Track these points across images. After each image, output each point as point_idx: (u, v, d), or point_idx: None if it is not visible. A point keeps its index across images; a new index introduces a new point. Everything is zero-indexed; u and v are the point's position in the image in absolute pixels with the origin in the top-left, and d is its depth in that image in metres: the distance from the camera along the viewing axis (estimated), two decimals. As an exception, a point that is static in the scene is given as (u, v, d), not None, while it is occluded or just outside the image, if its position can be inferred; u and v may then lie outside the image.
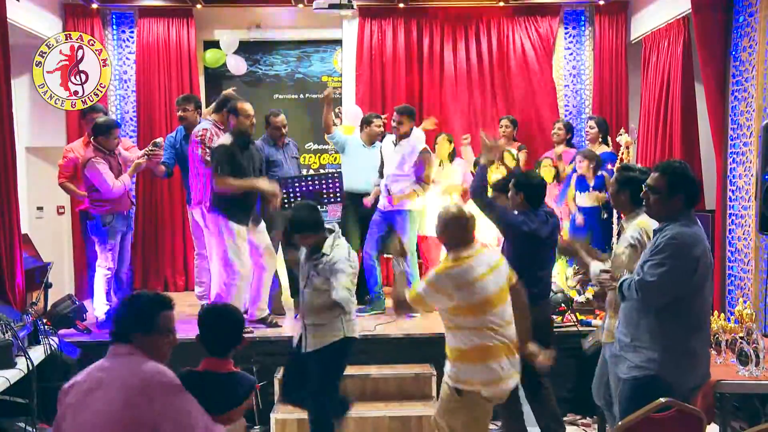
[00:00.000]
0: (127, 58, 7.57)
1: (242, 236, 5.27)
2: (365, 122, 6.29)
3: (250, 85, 7.81)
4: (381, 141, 6.19)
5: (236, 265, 5.22)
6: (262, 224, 5.53)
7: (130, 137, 7.42)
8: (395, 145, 5.90)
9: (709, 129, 5.73)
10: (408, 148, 5.82)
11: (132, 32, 7.56)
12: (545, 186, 4.43)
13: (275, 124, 5.94)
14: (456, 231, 3.52)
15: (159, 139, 5.92)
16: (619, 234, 5.09)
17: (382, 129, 6.24)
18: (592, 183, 6.02)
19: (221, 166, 5.08)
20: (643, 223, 3.52)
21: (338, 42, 7.88)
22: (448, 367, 3.50)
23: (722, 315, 4.69)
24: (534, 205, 4.22)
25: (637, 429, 2.76)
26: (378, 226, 5.98)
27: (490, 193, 4.55)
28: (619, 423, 2.79)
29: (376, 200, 6.03)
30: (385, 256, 6.45)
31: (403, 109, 5.93)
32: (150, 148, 5.82)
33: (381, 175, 6.04)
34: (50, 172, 7.43)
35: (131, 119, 7.52)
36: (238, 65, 7.71)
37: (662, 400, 2.79)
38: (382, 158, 6.07)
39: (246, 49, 7.80)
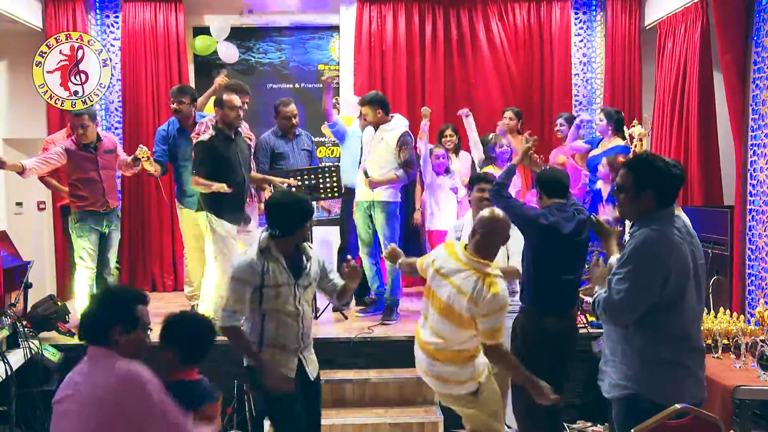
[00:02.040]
0: (111, 45, 7.52)
1: (232, 234, 5.27)
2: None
3: (243, 73, 7.79)
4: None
5: (225, 264, 5.20)
6: (252, 224, 5.49)
7: (115, 129, 7.41)
8: (375, 131, 5.83)
9: (728, 120, 5.70)
10: (390, 135, 5.76)
11: (117, 17, 7.53)
12: (561, 178, 4.21)
13: (285, 113, 5.93)
14: (482, 232, 3.60)
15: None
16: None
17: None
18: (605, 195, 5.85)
19: (195, 166, 5.20)
20: None
21: (335, 28, 7.85)
22: None
23: (742, 317, 4.68)
24: (552, 196, 4.07)
25: (652, 437, 2.75)
26: (364, 222, 5.93)
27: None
28: (632, 431, 2.76)
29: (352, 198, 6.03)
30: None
31: (363, 101, 5.88)
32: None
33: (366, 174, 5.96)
34: (30, 165, 7.42)
35: (116, 109, 7.50)
36: (229, 53, 7.69)
37: (677, 406, 2.76)
38: (362, 152, 6.00)
39: (238, 35, 7.78)
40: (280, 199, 3.68)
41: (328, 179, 5.71)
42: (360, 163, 5.98)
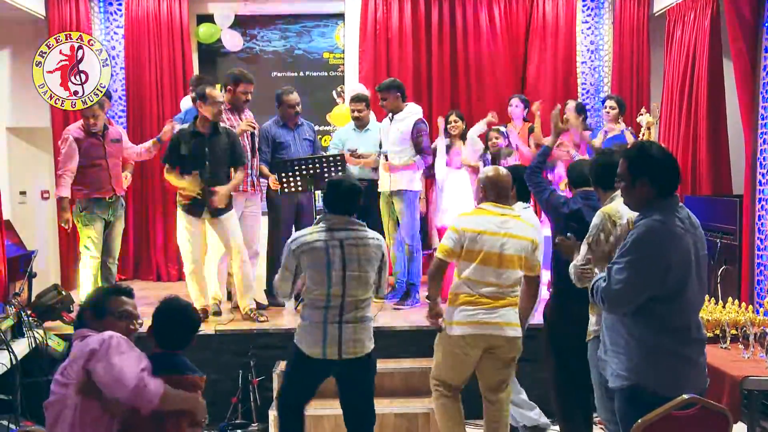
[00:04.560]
0: (115, 33, 7.53)
1: (193, 225, 5.44)
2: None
3: (247, 61, 7.76)
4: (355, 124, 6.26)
5: (183, 254, 5.51)
6: (229, 214, 5.48)
7: (119, 117, 7.41)
8: (390, 122, 5.99)
9: (737, 108, 5.68)
10: (403, 124, 5.88)
11: (120, 5, 7.51)
12: (585, 168, 4.25)
13: (288, 102, 5.91)
14: (486, 187, 4.01)
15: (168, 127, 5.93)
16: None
17: (357, 114, 6.19)
18: None
19: (167, 156, 5.40)
20: (609, 209, 3.47)
21: (340, 16, 7.82)
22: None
23: (750, 307, 4.67)
24: (578, 186, 4.18)
25: (658, 428, 2.74)
26: (387, 211, 6.07)
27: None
28: (638, 421, 2.76)
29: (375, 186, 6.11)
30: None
31: (381, 86, 6.00)
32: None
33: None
34: (34, 154, 7.44)
35: (120, 98, 7.49)
36: (233, 41, 7.67)
37: (685, 396, 2.76)
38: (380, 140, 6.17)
39: (242, 23, 7.76)
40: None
41: (333, 168, 5.69)
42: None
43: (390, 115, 6.00)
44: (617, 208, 3.40)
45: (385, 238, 6.19)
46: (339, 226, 3.71)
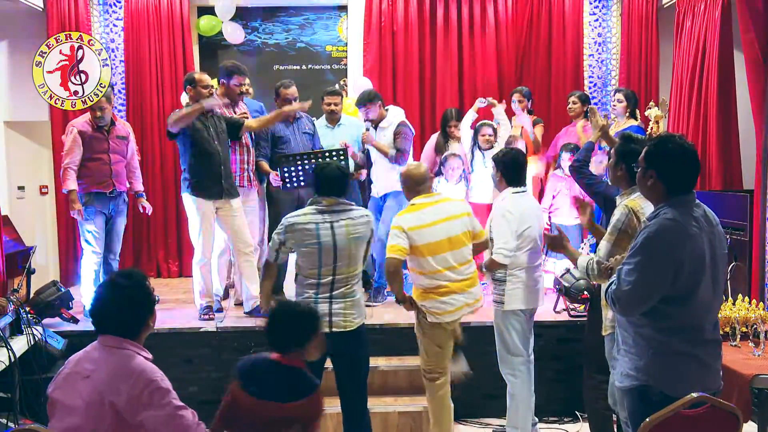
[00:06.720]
0: (114, 25, 7.53)
1: (206, 214, 5.38)
2: (322, 98, 6.32)
3: (248, 55, 7.77)
4: (334, 121, 6.26)
5: (198, 247, 5.45)
6: (236, 202, 5.52)
7: (119, 110, 7.41)
8: (375, 130, 6.05)
9: (748, 101, 5.65)
10: (388, 131, 5.97)
11: (119, -3, 7.52)
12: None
13: (285, 96, 5.90)
14: (409, 184, 4.30)
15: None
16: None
17: (333, 107, 6.20)
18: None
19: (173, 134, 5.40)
20: (633, 203, 3.46)
21: (344, 8, 7.81)
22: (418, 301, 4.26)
23: (761, 304, 4.66)
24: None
25: (666, 426, 2.73)
26: (378, 212, 6.11)
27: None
28: (647, 420, 2.75)
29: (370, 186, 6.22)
30: None
31: (363, 101, 6.05)
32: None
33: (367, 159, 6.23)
34: (32, 148, 7.44)
35: (120, 91, 7.49)
36: (234, 33, 7.66)
37: (694, 395, 2.75)
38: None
39: (243, 15, 7.76)
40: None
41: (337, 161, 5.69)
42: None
43: (369, 124, 6.06)
44: (641, 204, 3.39)
45: None
46: (329, 208, 3.93)
